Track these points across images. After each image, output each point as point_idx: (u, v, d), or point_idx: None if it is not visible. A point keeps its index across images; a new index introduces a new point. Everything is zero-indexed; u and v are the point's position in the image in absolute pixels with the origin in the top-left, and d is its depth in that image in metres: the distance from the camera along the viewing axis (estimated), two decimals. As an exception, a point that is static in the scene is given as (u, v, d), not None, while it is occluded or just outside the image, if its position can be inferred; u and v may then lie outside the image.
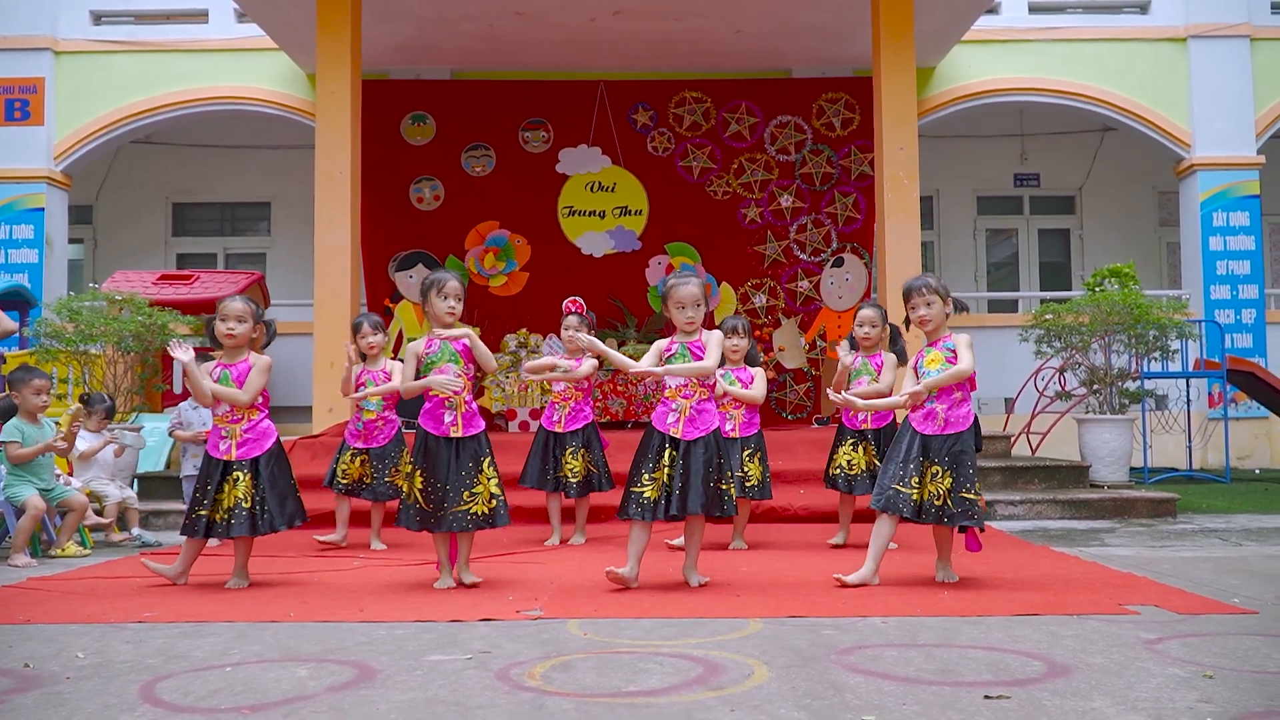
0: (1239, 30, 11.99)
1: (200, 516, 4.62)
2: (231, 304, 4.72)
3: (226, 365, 4.71)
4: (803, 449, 8.16)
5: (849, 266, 11.44)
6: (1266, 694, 2.77)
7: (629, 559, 4.48)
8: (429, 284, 4.62)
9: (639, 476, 4.45)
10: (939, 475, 4.41)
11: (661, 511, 4.40)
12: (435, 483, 4.48)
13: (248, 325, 4.70)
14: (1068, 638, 3.43)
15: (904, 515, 4.44)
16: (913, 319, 4.62)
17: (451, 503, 4.45)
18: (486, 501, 4.50)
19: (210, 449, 4.71)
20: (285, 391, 11.44)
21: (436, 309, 4.59)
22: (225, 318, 4.68)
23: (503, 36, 10.71)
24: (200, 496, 4.64)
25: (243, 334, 4.69)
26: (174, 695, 2.87)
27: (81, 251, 13.73)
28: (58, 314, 8.40)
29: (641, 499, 4.41)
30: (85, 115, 11.76)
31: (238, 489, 4.61)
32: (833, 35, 10.73)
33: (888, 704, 2.70)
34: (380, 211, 11.19)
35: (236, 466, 4.64)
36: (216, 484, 4.63)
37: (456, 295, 4.62)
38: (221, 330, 4.68)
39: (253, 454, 4.67)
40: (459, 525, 4.46)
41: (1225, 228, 11.94)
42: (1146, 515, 7.16)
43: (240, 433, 4.67)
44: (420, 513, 4.48)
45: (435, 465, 4.49)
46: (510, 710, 2.69)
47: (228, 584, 4.69)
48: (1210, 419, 11.25)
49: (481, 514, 4.48)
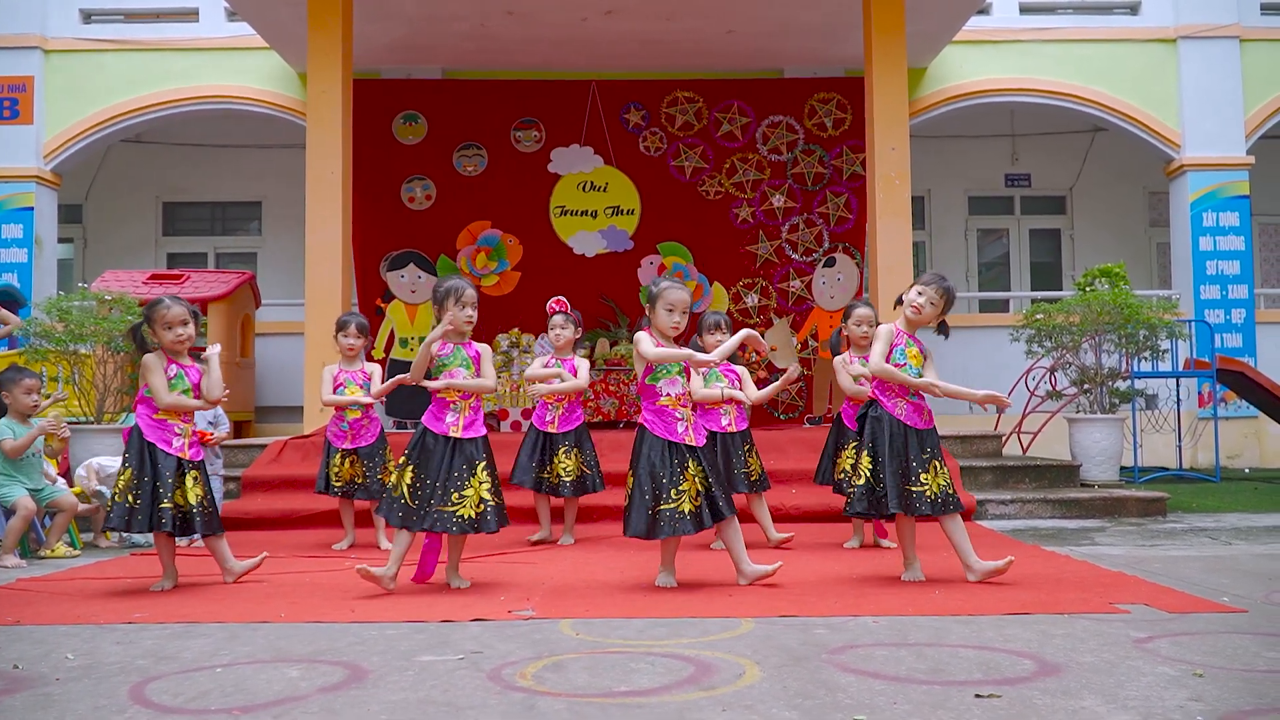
0: (1228, 31, 12.03)
1: (165, 509, 4.55)
2: (178, 308, 4.70)
3: (182, 366, 4.72)
4: (795, 448, 8.17)
5: (841, 266, 11.45)
6: (1256, 692, 2.78)
7: (664, 569, 4.56)
8: (446, 292, 4.57)
9: (664, 494, 4.34)
10: (938, 468, 4.52)
11: (706, 521, 4.39)
12: (425, 479, 4.46)
13: (192, 326, 4.74)
14: (1058, 636, 3.44)
15: (922, 513, 4.50)
16: (917, 302, 4.60)
17: (439, 501, 4.42)
18: (475, 505, 4.44)
19: (160, 443, 4.65)
20: (276, 392, 11.43)
21: (456, 318, 4.56)
22: (171, 325, 4.67)
23: (494, 36, 10.70)
24: (134, 488, 4.58)
25: (188, 335, 4.72)
26: (164, 696, 2.86)
27: (71, 251, 13.67)
28: (47, 314, 8.36)
29: (677, 515, 4.33)
30: (75, 114, 11.70)
31: (198, 487, 4.65)
32: (825, 35, 10.74)
33: (879, 703, 2.70)
34: (371, 211, 11.17)
35: (188, 466, 4.66)
36: (171, 480, 4.59)
37: (474, 304, 4.62)
38: (181, 335, 4.68)
39: (200, 455, 4.77)
40: (443, 526, 4.42)
41: (1215, 228, 11.98)
42: (1137, 514, 7.18)
43: (192, 432, 4.73)
44: (404, 508, 4.44)
45: (428, 462, 4.47)
46: (502, 711, 2.68)
47: (225, 577, 4.78)
48: (1200, 418, 11.29)
49: (468, 518, 4.42)
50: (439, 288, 4.63)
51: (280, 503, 7.09)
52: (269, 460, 7.86)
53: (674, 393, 4.45)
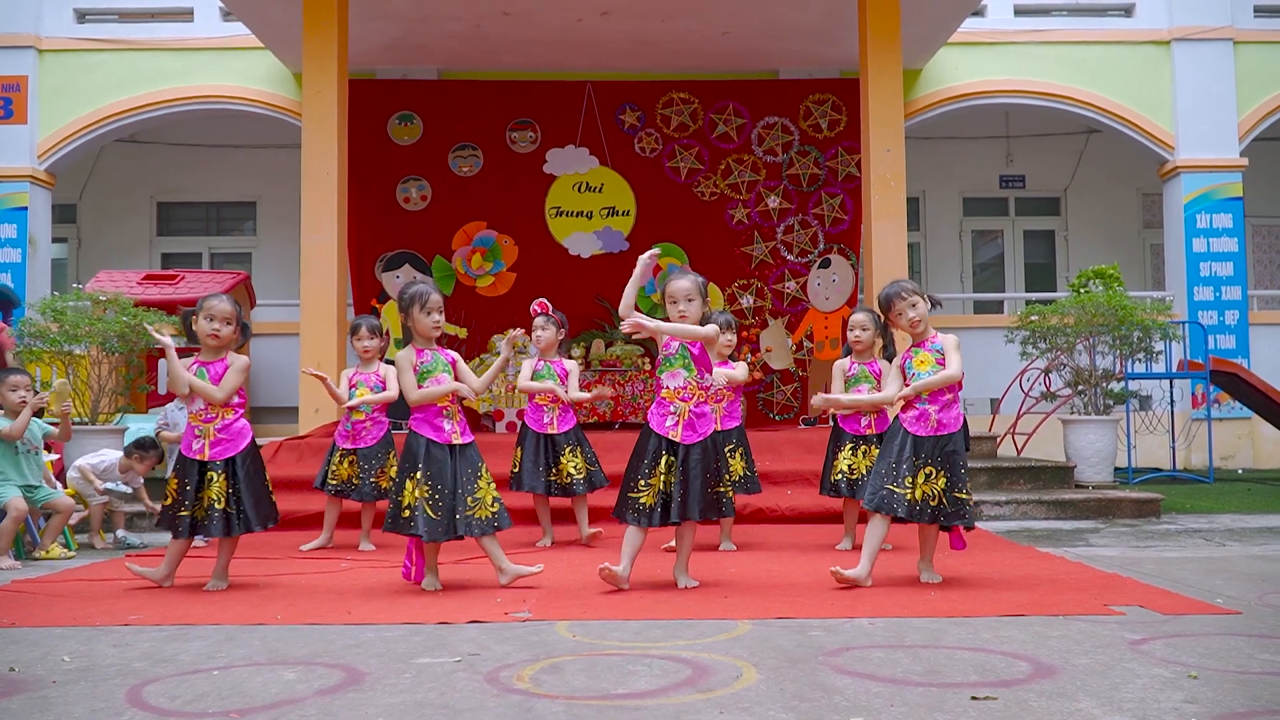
0: (1222, 33, 12.07)
1: (183, 516, 4.58)
2: (220, 304, 4.64)
3: (204, 364, 4.66)
4: (790, 450, 8.18)
5: (836, 267, 11.47)
6: (1250, 694, 2.79)
7: (623, 559, 4.46)
8: (409, 299, 4.51)
9: (635, 482, 4.41)
10: (933, 475, 4.45)
11: (658, 519, 4.38)
12: (444, 490, 4.43)
13: (233, 328, 4.66)
14: (1053, 638, 3.45)
15: (898, 515, 4.46)
16: (901, 324, 4.62)
17: (463, 508, 4.42)
18: (489, 506, 4.49)
19: (184, 448, 4.66)
20: (271, 392, 11.41)
21: (422, 324, 4.52)
22: (213, 317, 4.61)
23: (490, 36, 10.70)
24: (180, 496, 4.60)
25: (227, 335, 4.65)
26: (161, 699, 2.85)
27: (65, 251, 13.64)
28: (41, 314, 8.34)
29: (638, 505, 4.38)
30: (69, 114, 11.68)
31: (212, 489, 4.58)
32: (820, 37, 10.76)
33: (875, 705, 2.71)
34: (367, 211, 11.16)
35: (211, 466, 4.60)
36: (196, 483, 4.60)
37: (439, 308, 4.57)
38: (207, 330, 4.62)
39: (228, 454, 4.64)
40: (468, 530, 4.41)
41: (1209, 229, 12.02)
42: (1131, 515, 7.21)
43: (214, 432, 4.63)
44: (429, 522, 4.38)
45: (442, 472, 4.43)
46: (499, 713, 2.69)
47: (207, 585, 4.66)
48: (1194, 419, 11.33)
49: (487, 518, 4.47)
50: (403, 294, 4.54)
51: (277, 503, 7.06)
52: (264, 461, 7.84)
53: (674, 385, 4.45)
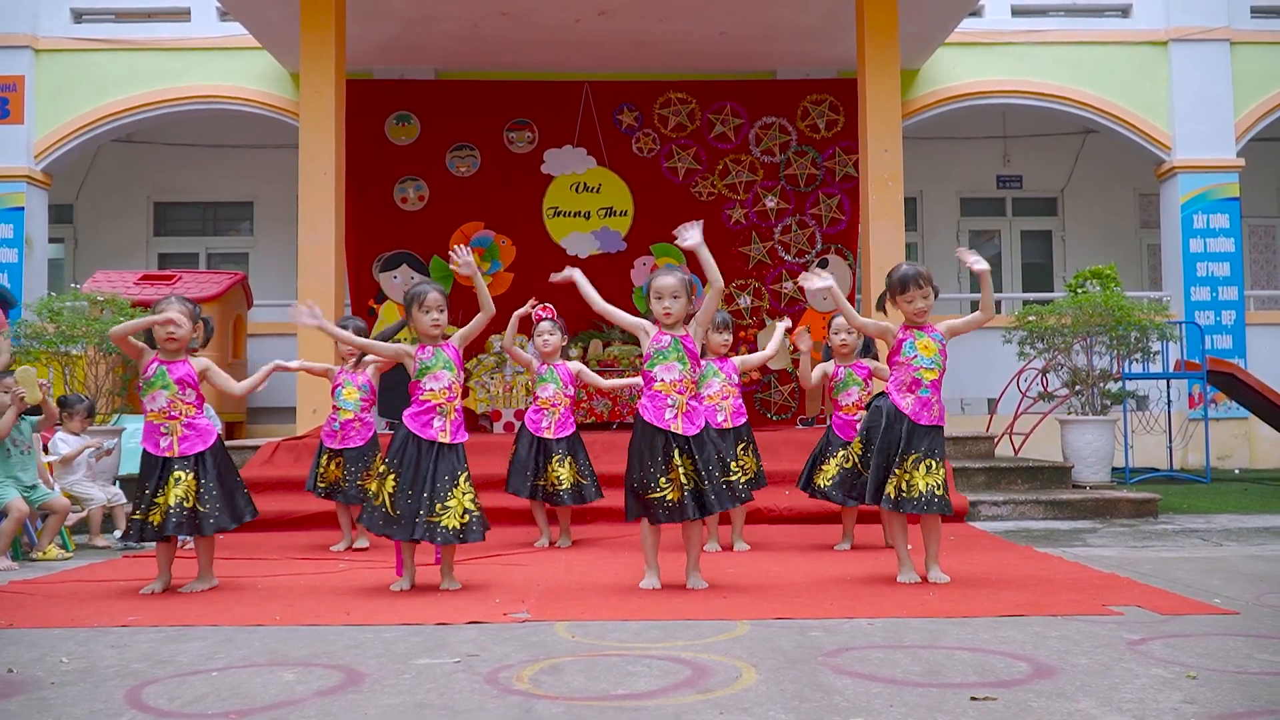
0: (1219, 34, 12.09)
1: (135, 520, 4.56)
2: (172, 305, 4.65)
3: (164, 363, 4.65)
4: (787, 450, 8.19)
5: (833, 268, 11.47)
6: (1249, 694, 2.80)
7: (647, 566, 4.52)
8: (409, 299, 4.62)
9: (654, 482, 4.32)
10: (933, 468, 4.47)
11: (690, 513, 4.33)
12: (408, 488, 4.41)
13: (188, 326, 4.67)
14: (1052, 638, 3.45)
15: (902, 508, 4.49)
16: (906, 309, 4.62)
17: (427, 512, 4.38)
18: (459, 516, 4.41)
19: (150, 446, 4.60)
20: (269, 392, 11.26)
21: (421, 323, 4.57)
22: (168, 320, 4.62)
23: (487, 37, 10.69)
24: (138, 500, 4.57)
25: (183, 335, 4.65)
26: (161, 700, 2.85)
27: (62, 251, 13.61)
28: (38, 314, 8.33)
29: (666, 503, 4.32)
30: (66, 114, 11.66)
31: (179, 488, 4.52)
32: (817, 37, 10.76)
33: (875, 706, 2.71)
34: (364, 212, 11.15)
35: (179, 464, 4.56)
36: (154, 485, 4.55)
37: (438, 307, 4.59)
38: (162, 334, 4.63)
39: (195, 449, 4.61)
40: (428, 536, 4.39)
41: (1205, 230, 12.03)
42: (1128, 515, 7.22)
43: (180, 429, 4.60)
44: (385, 517, 4.40)
45: (414, 470, 4.42)
46: (499, 714, 2.68)
47: (184, 588, 4.61)
48: (1191, 419, 11.34)
49: (452, 528, 4.39)
50: (405, 294, 4.69)
51: (273, 504, 7.06)
52: (261, 462, 7.85)
53: (669, 378, 4.41)
